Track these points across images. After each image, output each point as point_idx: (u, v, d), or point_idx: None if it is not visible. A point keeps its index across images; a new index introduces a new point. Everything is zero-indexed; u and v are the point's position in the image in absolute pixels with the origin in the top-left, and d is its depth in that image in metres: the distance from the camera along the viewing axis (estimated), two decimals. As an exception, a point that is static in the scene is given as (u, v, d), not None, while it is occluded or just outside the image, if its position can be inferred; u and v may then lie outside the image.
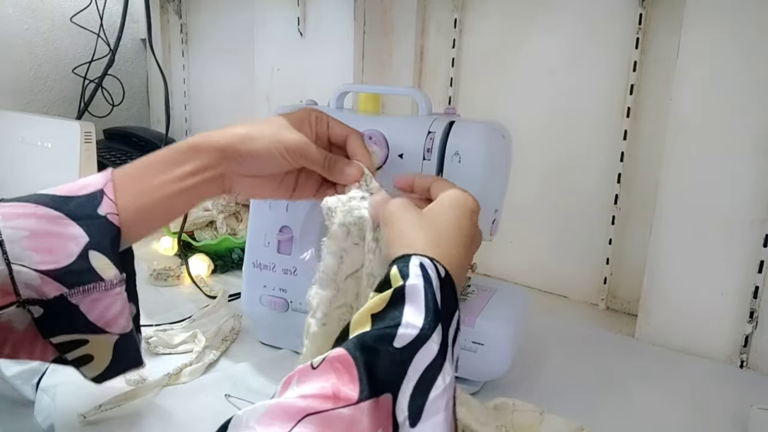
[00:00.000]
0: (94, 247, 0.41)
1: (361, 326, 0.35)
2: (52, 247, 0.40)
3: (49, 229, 0.41)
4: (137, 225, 0.45)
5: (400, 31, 1.01)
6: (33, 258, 0.39)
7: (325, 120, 0.51)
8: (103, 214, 0.43)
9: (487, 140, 0.57)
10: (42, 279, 0.39)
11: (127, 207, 0.44)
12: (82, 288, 0.41)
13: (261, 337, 0.71)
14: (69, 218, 0.42)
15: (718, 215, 0.69)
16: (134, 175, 0.46)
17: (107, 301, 0.42)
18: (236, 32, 1.25)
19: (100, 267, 0.41)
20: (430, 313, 0.35)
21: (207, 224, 1.00)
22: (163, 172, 0.46)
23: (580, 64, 0.85)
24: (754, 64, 0.65)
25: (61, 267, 0.40)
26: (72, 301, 0.40)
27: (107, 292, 0.42)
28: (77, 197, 0.43)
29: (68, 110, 1.35)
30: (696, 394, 0.64)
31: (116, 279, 0.42)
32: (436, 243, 0.40)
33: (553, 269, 0.92)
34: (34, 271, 0.39)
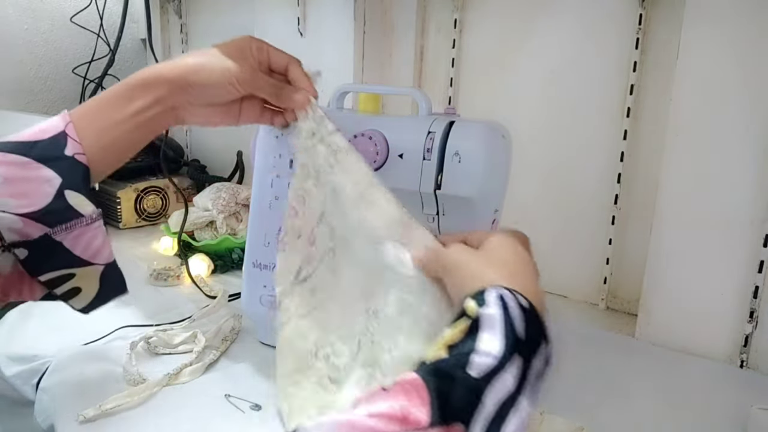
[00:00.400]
0: (68, 186, 0.43)
1: (433, 356, 0.34)
2: (27, 191, 0.42)
3: (21, 174, 0.42)
4: (103, 161, 0.47)
5: (400, 31, 1.01)
6: (10, 203, 0.41)
7: (265, 48, 0.52)
8: (70, 154, 0.44)
9: (487, 140, 0.57)
10: (23, 222, 0.41)
11: (91, 145, 0.46)
12: (64, 225, 0.43)
13: (261, 337, 0.71)
14: (38, 162, 0.43)
15: (718, 215, 0.69)
16: (92, 114, 0.47)
17: (89, 235, 0.44)
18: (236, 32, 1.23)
19: (77, 204, 0.44)
20: (509, 342, 0.34)
21: (207, 224, 1.00)
22: (119, 109, 0.47)
23: (580, 64, 0.85)
24: (754, 64, 0.65)
25: (39, 208, 0.42)
26: (56, 239, 0.43)
27: (88, 226, 0.44)
28: (41, 141, 0.45)
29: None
30: (696, 394, 0.64)
31: (94, 214, 0.45)
32: (511, 276, 0.39)
33: (553, 269, 0.92)
34: (15, 215, 0.41)
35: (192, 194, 1.15)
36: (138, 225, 1.16)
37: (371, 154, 0.58)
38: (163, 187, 1.18)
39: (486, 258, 0.42)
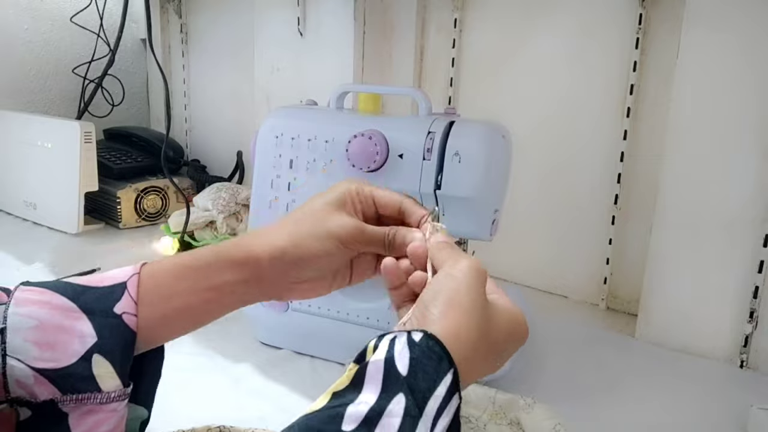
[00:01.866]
0: (99, 350, 0.35)
1: (318, 404, 0.30)
2: (56, 342, 0.35)
3: (59, 322, 0.35)
4: (157, 330, 0.39)
5: (400, 31, 1.01)
6: (31, 352, 0.34)
7: (368, 192, 0.44)
8: (119, 312, 0.37)
9: (487, 140, 0.57)
10: (35, 378, 0.34)
11: (148, 310, 0.38)
12: (76, 397, 0.34)
13: (261, 337, 0.71)
14: (81, 311, 0.36)
15: (718, 215, 0.69)
16: (164, 275, 0.40)
17: (100, 416, 0.35)
18: (236, 32, 1.25)
19: (100, 375, 0.35)
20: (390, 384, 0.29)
21: (207, 224, 1.00)
22: (198, 280, 0.40)
23: (580, 64, 0.85)
24: (754, 64, 0.65)
25: (60, 367, 0.34)
26: (63, 409, 0.34)
27: (102, 406, 0.35)
28: (97, 288, 0.37)
29: (68, 110, 1.35)
30: (696, 394, 0.64)
31: (116, 392, 0.35)
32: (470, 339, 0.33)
33: (553, 269, 0.92)
34: (29, 368, 0.34)
35: (192, 194, 1.15)
36: (138, 225, 1.16)
37: (371, 154, 0.58)
38: (163, 187, 1.18)
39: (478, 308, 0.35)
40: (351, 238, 0.41)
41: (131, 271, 0.38)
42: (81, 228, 1.08)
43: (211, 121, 1.38)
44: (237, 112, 1.29)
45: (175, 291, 0.39)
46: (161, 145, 1.03)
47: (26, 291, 0.36)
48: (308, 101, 0.70)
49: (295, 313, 0.66)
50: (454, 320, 0.33)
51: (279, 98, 1.10)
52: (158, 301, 0.38)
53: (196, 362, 0.65)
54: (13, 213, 1.19)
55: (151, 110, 1.51)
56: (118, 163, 1.18)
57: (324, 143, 0.62)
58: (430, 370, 0.30)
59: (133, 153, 1.23)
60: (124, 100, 1.40)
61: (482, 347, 0.34)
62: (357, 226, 0.41)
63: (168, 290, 0.39)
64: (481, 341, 0.34)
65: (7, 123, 1.18)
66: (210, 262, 0.40)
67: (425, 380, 0.30)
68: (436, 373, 0.30)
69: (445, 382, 0.30)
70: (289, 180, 0.64)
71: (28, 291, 0.36)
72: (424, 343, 0.31)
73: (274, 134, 0.64)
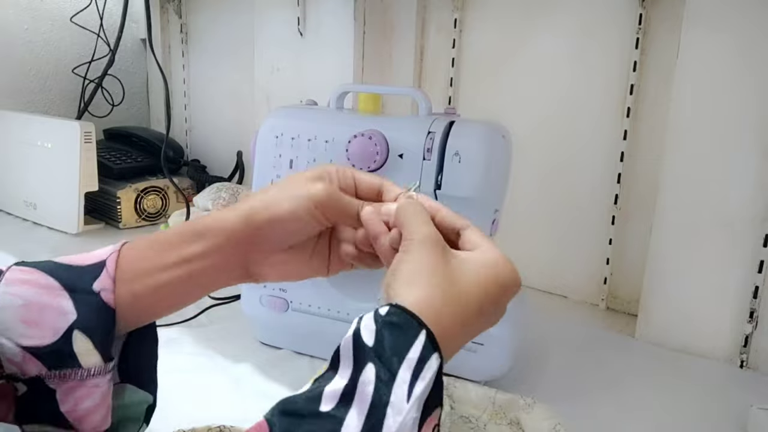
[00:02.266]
0: (79, 326, 0.36)
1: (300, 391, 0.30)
2: (41, 320, 0.35)
3: (44, 300, 0.36)
4: (137, 308, 0.39)
5: (400, 31, 1.01)
6: (18, 330, 0.35)
7: (349, 172, 0.43)
8: (97, 290, 0.37)
9: (487, 140, 0.57)
10: (23, 355, 0.35)
11: (123, 287, 0.38)
12: (60, 373, 0.35)
13: (261, 337, 0.71)
14: (64, 289, 0.37)
15: (718, 215, 0.69)
16: (138, 251, 0.40)
17: (82, 391, 0.36)
18: (236, 32, 1.25)
19: (80, 351, 0.35)
20: (359, 357, 0.30)
21: (207, 224, 1.00)
22: (168, 252, 0.39)
23: (580, 64, 0.85)
24: (754, 64, 0.65)
25: (45, 344, 0.35)
26: (49, 385, 0.35)
27: (83, 382, 0.35)
28: (79, 267, 0.38)
29: (68, 110, 1.35)
30: (696, 394, 0.64)
31: (95, 368, 0.36)
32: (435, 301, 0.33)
33: (553, 269, 0.92)
34: (17, 346, 0.35)
35: (192, 194, 1.15)
36: (138, 225, 1.15)
37: (371, 154, 0.58)
38: (163, 187, 1.18)
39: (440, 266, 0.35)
40: (323, 202, 0.40)
41: (111, 249, 0.39)
42: (81, 228, 1.08)
43: (211, 121, 1.38)
44: (237, 112, 1.29)
45: (150, 267, 0.39)
46: (161, 145, 1.03)
47: (16, 271, 0.37)
48: (308, 101, 0.70)
49: (295, 313, 0.66)
50: (417, 292, 0.33)
51: (279, 98, 1.10)
52: (133, 277, 0.38)
53: (196, 362, 0.65)
54: (13, 213, 1.19)
55: (151, 110, 1.51)
56: (118, 163, 1.18)
57: (324, 143, 0.62)
58: (397, 335, 0.30)
59: (133, 153, 1.23)
60: (124, 100, 1.40)
61: (455, 308, 0.34)
62: (331, 192, 0.40)
63: (144, 266, 0.39)
64: (451, 302, 0.33)
65: (7, 123, 1.18)
66: (179, 233, 0.40)
67: (394, 346, 0.30)
68: (405, 337, 0.30)
69: (417, 345, 0.30)
70: (289, 180, 0.64)
71: (18, 271, 0.37)
72: (390, 312, 0.31)
73: (274, 134, 0.64)
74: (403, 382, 0.29)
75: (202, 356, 0.67)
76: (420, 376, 0.29)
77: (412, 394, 0.29)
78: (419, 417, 0.29)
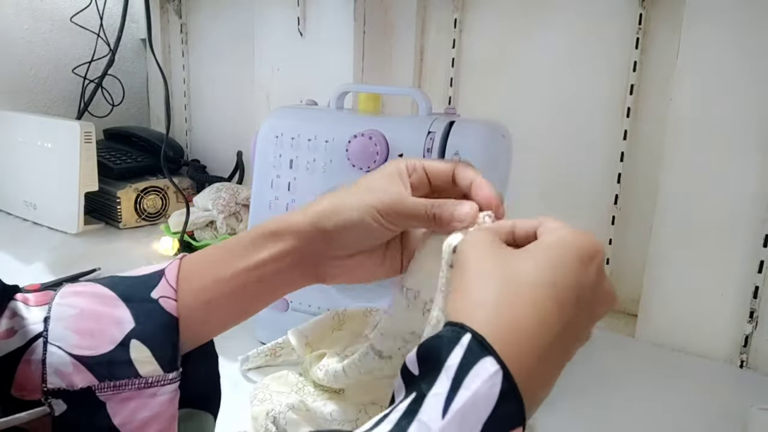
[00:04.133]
0: (137, 335, 0.34)
1: None
2: (95, 329, 0.34)
3: (98, 309, 0.35)
4: (207, 317, 0.37)
5: (400, 31, 1.01)
6: (71, 339, 0.34)
7: (419, 165, 0.40)
8: (156, 297, 0.36)
9: (487, 140, 0.57)
10: (74, 365, 0.33)
11: (193, 296, 0.37)
12: (113, 383, 0.33)
13: (261, 337, 0.71)
14: (120, 299, 0.36)
15: (718, 215, 0.69)
16: (205, 261, 0.39)
17: (137, 402, 0.34)
18: (236, 32, 1.25)
19: (138, 359, 0.34)
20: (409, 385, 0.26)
21: (207, 224, 1.00)
22: (239, 259, 0.38)
23: (580, 64, 0.85)
24: (754, 64, 0.65)
25: (98, 354, 0.34)
26: (100, 397, 0.33)
27: (140, 391, 0.34)
28: (135, 277, 0.37)
29: (68, 110, 1.35)
30: (696, 394, 0.64)
31: (154, 377, 0.34)
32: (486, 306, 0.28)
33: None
34: (68, 355, 0.33)
35: (192, 194, 1.15)
36: (138, 225, 1.16)
37: (371, 154, 0.58)
38: (163, 187, 1.18)
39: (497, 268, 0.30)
40: (389, 208, 0.37)
41: (169, 262, 0.38)
42: (81, 228, 1.08)
43: (211, 121, 1.38)
44: (237, 112, 1.29)
45: (215, 276, 0.38)
46: (161, 145, 1.03)
47: (70, 286, 0.37)
48: (308, 101, 0.70)
49: (295, 313, 0.66)
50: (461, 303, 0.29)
51: (279, 98, 1.10)
52: (198, 287, 0.37)
53: (196, 362, 0.65)
54: (13, 213, 1.19)
55: (151, 110, 1.51)
56: (118, 163, 1.18)
57: (324, 143, 0.62)
58: (437, 348, 0.26)
59: (133, 153, 1.23)
60: (124, 100, 1.40)
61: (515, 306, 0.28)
62: (398, 197, 0.38)
63: (208, 275, 0.38)
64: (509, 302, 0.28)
65: (7, 123, 1.18)
66: (246, 242, 0.39)
67: (431, 360, 0.26)
68: (445, 348, 0.26)
69: (459, 349, 0.25)
70: (289, 180, 0.64)
71: (72, 285, 0.37)
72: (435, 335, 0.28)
73: (274, 134, 0.64)
74: (437, 395, 0.24)
75: (202, 356, 0.67)
76: (463, 385, 0.24)
77: (449, 408, 0.24)
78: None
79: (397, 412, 0.25)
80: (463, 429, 0.23)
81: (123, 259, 0.97)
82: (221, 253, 0.39)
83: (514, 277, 0.29)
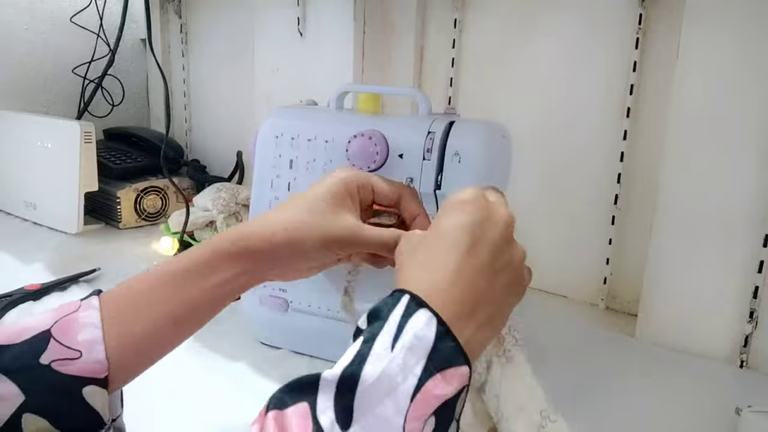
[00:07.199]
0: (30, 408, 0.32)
1: None
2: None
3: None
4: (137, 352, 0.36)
5: (400, 31, 1.01)
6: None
7: (368, 185, 0.43)
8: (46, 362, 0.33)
9: (487, 140, 0.57)
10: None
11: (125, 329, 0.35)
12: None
13: (261, 337, 0.71)
14: None
15: (718, 215, 0.69)
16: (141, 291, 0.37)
17: None
18: (236, 32, 1.25)
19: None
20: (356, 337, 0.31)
21: (207, 224, 1.00)
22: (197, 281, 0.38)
23: (579, 64, 0.85)
24: (754, 64, 0.65)
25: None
26: None
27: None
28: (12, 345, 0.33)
29: (68, 110, 1.35)
30: (696, 394, 0.64)
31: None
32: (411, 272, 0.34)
33: (552, 269, 0.92)
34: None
35: (192, 194, 1.15)
36: (138, 225, 1.16)
37: (371, 154, 0.58)
38: (163, 187, 1.18)
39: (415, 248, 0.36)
40: (347, 242, 0.41)
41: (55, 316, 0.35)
42: (81, 228, 1.08)
43: (211, 121, 1.38)
44: (237, 112, 1.29)
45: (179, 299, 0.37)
46: (161, 145, 1.03)
47: None
48: (308, 101, 0.70)
49: (294, 313, 0.66)
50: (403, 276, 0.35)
51: (279, 98, 1.10)
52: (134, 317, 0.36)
53: (194, 362, 0.65)
54: (13, 213, 1.19)
55: (151, 110, 1.51)
56: (118, 163, 1.18)
57: (324, 143, 0.62)
58: (382, 305, 0.31)
59: (133, 153, 1.23)
60: (124, 100, 1.39)
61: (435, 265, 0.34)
62: (354, 231, 0.41)
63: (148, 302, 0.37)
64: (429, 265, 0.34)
65: (7, 123, 1.18)
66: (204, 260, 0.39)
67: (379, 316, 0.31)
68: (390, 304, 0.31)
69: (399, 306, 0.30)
70: (289, 180, 0.64)
71: None
72: None
73: (274, 134, 0.64)
74: (387, 334, 0.29)
75: (201, 356, 0.67)
76: (405, 328, 0.29)
77: (396, 345, 0.28)
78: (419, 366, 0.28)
79: (351, 351, 0.29)
80: (408, 361, 0.28)
81: (123, 259, 0.97)
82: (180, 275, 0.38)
83: (435, 231, 0.35)
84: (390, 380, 0.27)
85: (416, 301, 0.30)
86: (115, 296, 0.37)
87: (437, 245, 0.34)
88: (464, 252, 0.34)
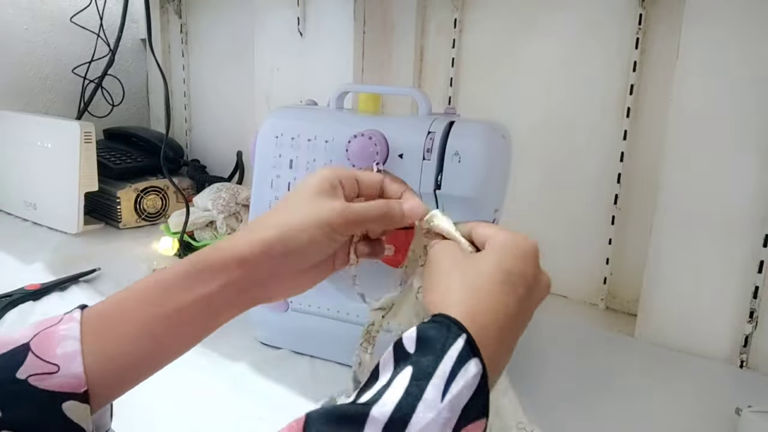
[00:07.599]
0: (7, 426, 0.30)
1: None
2: None
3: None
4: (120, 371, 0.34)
5: (400, 31, 1.01)
6: None
7: (350, 176, 0.43)
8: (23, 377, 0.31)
9: (487, 140, 0.57)
10: None
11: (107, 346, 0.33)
12: None
13: (261, 337, 0.71)
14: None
15: (718, 215, 0.69)
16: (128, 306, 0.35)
17: None
18: (236, 32, 1.25)
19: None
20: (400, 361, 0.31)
21: (207, 224, 1.00)
22: (178, 294, 0.36)
23: (580, 64, 0.85)
24: (754, 64, 0.65)
25: None
26: None
27: None
28: None
29: (68, 110, 1.35)
30: (695, 394, 0.64)
31: None
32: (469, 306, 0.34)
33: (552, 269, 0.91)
34: None
35: (192, 194, 1.15)
36: (138, 225, 1.15)
37: (371, 154, 0.58)
38: (163, 187, 1.18)
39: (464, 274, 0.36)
40: (339, 223, 0.39)
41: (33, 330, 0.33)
42: (81, 228, 1.08)
43: (211, 121, 1.38)
44: (237, 112, 1.29)
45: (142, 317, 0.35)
46: (161, 145, 1.03)
47: None
48: (308, 101, 0.70)
49: (295, 313, 0.66)
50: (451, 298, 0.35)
51: (279, 98, 1.10)
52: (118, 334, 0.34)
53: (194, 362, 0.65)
54: (13, 213, 1.19)
55: (151, 110, 1.51)
56: (118, 163, 1.18)
57: (324, 143, 0.62)
58: (436, 336, 0.31)
59: (133, 153, 1.23)
60: (124, 100, 1.40)
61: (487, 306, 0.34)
62: (344, 210, 0.40)
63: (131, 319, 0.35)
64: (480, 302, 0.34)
65: (7, 123, 1.18)
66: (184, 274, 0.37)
67: (432, 349, 0.31)
68: (444, 338, 0.31)
69: (456, 347, 0.31)
70: (289, 180, 0.64)
71: None
72: (432, 320, 0.33)
73: (274, 134, 0.64)
74: (440, 379, 0.29)
75: (201, 356, 0.67)
76: (457, 378, 0.30)
77: (447, 393, 0.29)
78: (455, 420, 0.29)
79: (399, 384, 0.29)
80: (452, 412, 0.29)
81: (123, 259, 0.97)
82: (161, 288, 0.36)
83: (478, 274, 0.36)
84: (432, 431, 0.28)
85: (471, 346, 0.31)
86: (97, 311, 0.35)
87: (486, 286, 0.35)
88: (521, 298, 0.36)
